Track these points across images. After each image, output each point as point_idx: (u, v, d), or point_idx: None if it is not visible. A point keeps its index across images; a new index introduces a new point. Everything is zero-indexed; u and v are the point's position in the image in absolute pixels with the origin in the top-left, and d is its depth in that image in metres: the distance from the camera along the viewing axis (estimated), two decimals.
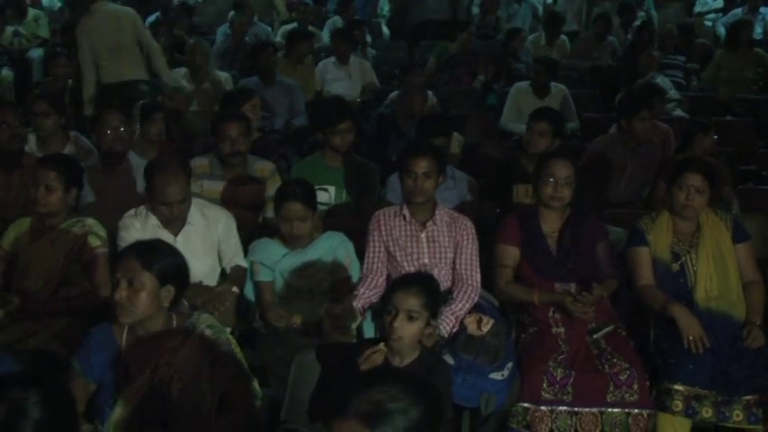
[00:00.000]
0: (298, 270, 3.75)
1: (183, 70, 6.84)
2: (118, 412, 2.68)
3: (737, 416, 3.44)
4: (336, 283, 3.79)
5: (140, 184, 4.22)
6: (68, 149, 4.87)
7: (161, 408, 2.66)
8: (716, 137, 5.37)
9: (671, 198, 3.81)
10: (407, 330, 2.86)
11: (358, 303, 3.64)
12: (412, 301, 2.87)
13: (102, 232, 3.69)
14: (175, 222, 3.72)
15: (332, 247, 3.81)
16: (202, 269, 3.71)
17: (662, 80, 7.23)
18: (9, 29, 9.20)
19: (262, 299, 3.80)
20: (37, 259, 3.62)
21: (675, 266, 3.75)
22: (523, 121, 5.19)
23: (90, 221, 3.70)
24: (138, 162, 4.57)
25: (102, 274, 3.59)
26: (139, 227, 3.71)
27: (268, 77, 6.62)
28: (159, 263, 2.76)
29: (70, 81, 6.80)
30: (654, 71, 7.28)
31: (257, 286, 3.83)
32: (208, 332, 2.80)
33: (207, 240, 3.80)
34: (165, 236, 3.61)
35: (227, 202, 4.27)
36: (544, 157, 3.86)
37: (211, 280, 3.80)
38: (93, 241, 3.63)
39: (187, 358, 2.71)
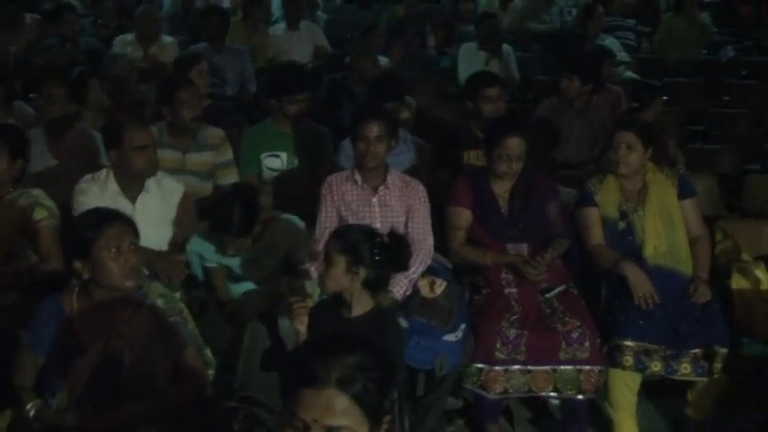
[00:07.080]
0: (243, 267, 3.72)
1: (130, 37, 6.70)
2: (70, 384, 2.66)
3: (685, 369, 3.52)
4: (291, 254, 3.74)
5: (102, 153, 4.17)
6: (12, 120, 4.77)
7: (113, 378, 2.64)
8: (665, 98, 5.43)
9: (606, 157, 3.84)
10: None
11: (312, 267, 3.61)
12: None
13: (49, 203, 3.61)
14: (133, 188, 3.67)
15: (278, 237, 3.75)
16: (158, 239, 3.67)
17: (611, 42, 7.27)
18: None
19: (214, 283, 3.77)
20: None
21: (622, 225, 3.79)
22: None
23: (36, 192, 3.62)
24: (86, 132, 4.50)
25: (50, 245, 3.51)
26: (98, 191, 3.65)
27: (218, 43, 6.50)
28: None
29: (14, 49, 6.62)
30: (601, 33, 7.34)
31: (206, 271, 3.78)
32: (159, 301, 2.79)
33: (163, 210, 3.75)
34: (124, 202, 3.58)
35: (176, 170, 4.21)
36: (497, 132, 3.77)
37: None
38: (40, 212, 3.55)
39: (139, 328, 2.69)
